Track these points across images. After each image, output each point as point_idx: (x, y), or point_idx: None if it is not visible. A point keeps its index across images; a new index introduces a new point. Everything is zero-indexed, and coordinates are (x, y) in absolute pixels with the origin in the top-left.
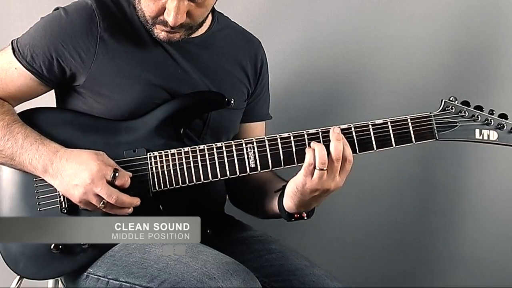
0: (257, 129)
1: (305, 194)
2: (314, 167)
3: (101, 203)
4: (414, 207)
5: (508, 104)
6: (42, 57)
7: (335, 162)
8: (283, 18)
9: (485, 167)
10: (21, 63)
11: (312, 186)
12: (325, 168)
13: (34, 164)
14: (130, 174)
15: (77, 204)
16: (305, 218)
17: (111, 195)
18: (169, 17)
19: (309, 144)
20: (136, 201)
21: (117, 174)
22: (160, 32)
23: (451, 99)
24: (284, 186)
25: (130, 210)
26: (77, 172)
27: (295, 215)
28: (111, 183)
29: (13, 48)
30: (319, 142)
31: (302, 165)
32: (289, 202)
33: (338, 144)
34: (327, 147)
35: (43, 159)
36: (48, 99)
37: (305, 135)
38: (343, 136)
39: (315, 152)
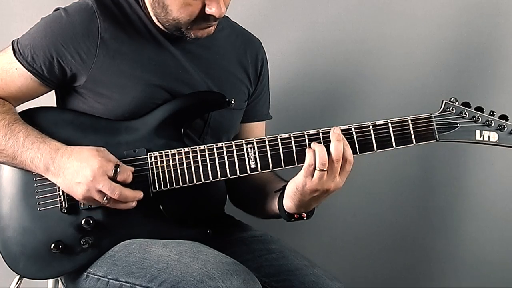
0: (257, 129)
1: (305, 194)
2: (315, 168)
3: (104, 198)
4: (414, 207)
5: (508, 104)
6: (42, 57)
7: (335, 163)
8: (283, 18)
9: (485, 168)
10: (21, 63)
11: (312, 186)
12: (325, 169)
13: (36, 163)
14: (132, 168)
15: (80, 201)
16: (305, 218)
17: (114, 191)
18: (216, 9)
19: (309, 144)
20: (139, 194)
21: (118, 170)
22: (198, 31)
23: (451, 100)
24: (284, 186)
25: (134, 204)
26: (78, 170)
27: (295, 216)
28: (113, 178)
29: (13, 49)
30: (320, 142)
31: (302, 165)
32: (289, 203)
33: (338, 144)
34: (327, 148)
35: (45, 158)
36: (48, 99)
37: (306, 136)
38: (343, 137)
39: (315, 153)
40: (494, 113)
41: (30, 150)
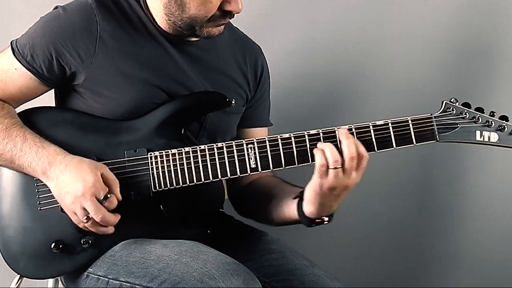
0: (258, 135)
1: (325, 195)
2: (327, 167)
3: (85, 217)
4: (414, 207)
5: (509, 105)
6: (42, 56)
7: (349, 161)
8: (283, 18)
9: (485, 168)
10: (21, 63)
11: (330, 184)
12: (339, 166)
13: (33, 166)
14: (120, 197)
15: (65, 211)
16: (326, 222)
17: (98, 213)
18: (234, 4)
19: (310, 144)
20: (118, 217)
21: (108, 196)
22: (211, 29)
23: (452, 100)
24: (301, 192)
25: (111, 231)
26: (71, 181)
27: (316, 220)
28: (101, 202)
29: (12, 49)
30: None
31: (303, 165)
32: (310, 208)
33: (349, 143)
34: (336, 147)
35: (42, 162)
36: (48, 99)
37: (306, 136)
38: (352, 135)
39: (325, 153)
40: (495, 114)
41: (28, 155)
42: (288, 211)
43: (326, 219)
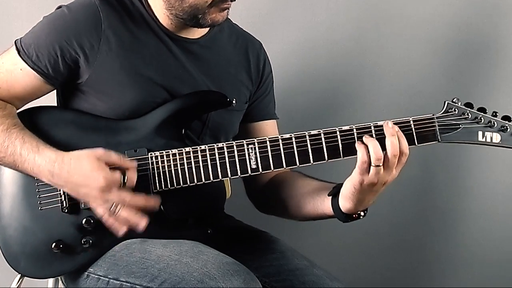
0: (268, 127)
1: (364, 191)
2: (369, 164)
3: (111, 208)
4: (414, 207)
5: (509, 104)
6: (47, 56)
7: (392, 158)
8: (283, 18)
9: (485, 167)
10: (26, 63)
11: (370, 181)
12: (380, 164)
13: (37, 173)
14: (135, 164)
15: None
16: (361, 217)
17: (125, 197)
18: None
19: (311, 145)
20: (151, 201)
21: (126, 179)
22: (215, 16)
23: (454, 100)
24: (335, 188)
25: (142, 225)
26: (82, 184)
27: (353, 216)
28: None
29: (17, 49)
30: (321, 143)
31: (304, 166)
32: (347, 204)
33: (394, 139)
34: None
35: (42, 170)
36: (49, 98)
37: (307, 136)
38: (398, 129)
39: (369, 149)
40: (497, 114)
41: (28, 161)
42: (322, 208)
43: (362, 213)
